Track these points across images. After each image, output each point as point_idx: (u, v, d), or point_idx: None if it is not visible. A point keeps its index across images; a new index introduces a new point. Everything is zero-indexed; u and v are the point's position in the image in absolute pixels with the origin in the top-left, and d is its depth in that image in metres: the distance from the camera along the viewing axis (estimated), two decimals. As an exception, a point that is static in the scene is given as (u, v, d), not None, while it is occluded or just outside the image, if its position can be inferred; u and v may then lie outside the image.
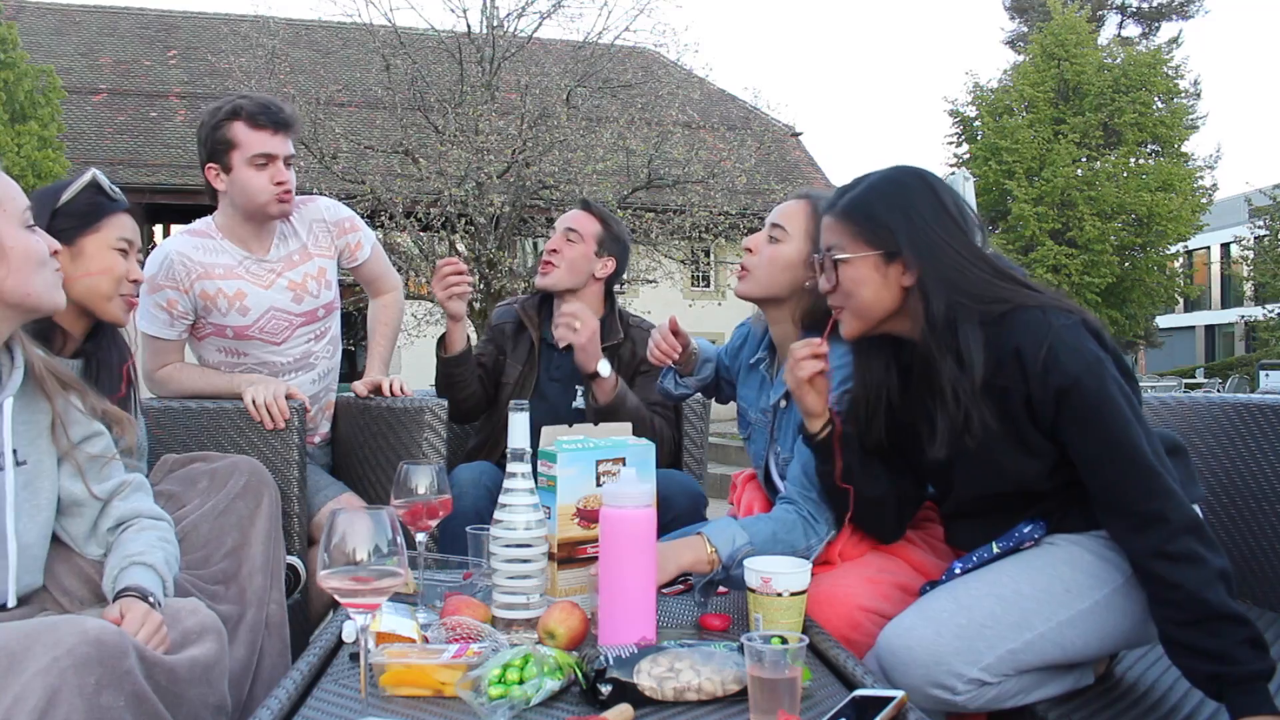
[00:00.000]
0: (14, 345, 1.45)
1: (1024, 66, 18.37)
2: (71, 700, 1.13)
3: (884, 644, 1.40)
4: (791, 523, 1.68)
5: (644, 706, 1.13)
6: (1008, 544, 1.48)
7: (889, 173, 1.53)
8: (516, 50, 10.62)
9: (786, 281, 1.81)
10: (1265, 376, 14.75)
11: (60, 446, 1.49)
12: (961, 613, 1.38)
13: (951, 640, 1.36)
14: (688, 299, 17.52)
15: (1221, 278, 27.75)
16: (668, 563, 1.54)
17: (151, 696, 1.23)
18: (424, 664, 1.19)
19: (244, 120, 2.18)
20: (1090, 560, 1.43)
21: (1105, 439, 1.36)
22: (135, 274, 1.77)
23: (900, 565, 1.68)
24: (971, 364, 1.41)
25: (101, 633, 1.18)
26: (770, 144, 12.99)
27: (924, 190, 1.48)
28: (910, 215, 1.46)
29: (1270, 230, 19.46)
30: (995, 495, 1.51)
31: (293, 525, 2.13)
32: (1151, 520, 1.33)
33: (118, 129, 15.32)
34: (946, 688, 1.34)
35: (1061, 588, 1.41)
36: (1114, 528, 1.40)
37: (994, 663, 1.36)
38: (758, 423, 1.95)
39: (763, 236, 1.86)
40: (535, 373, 2.53)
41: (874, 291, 1.49)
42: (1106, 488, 1.38)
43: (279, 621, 1.74)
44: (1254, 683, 1.26)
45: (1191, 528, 1.32)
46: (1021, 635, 1.37)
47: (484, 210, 9.69)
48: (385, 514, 1.14)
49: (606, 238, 2.54)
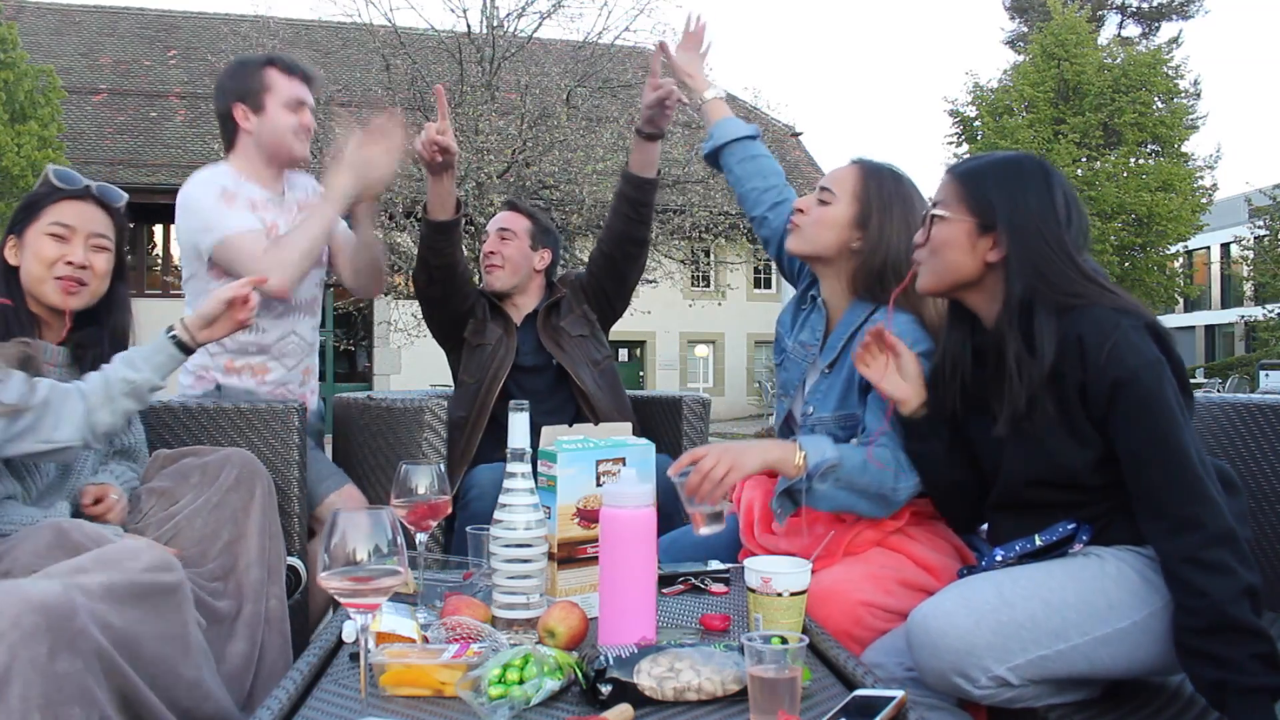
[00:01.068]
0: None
1: (1024, 66, 18.39)
2: (26, 675, 1.09)
3: (918, 622, 1.39)
4: (886, 459, 1.68)
5: (644, 706, 1.13)
6: (1050, 537, 1.47)
7: (1015, 155, 1.59)
8: (516, 50, 10.62)
9: (833, 241, 1.86)
10: (1265, 376, 14.76)
11: None
12: (1004, 608, 1.38)
13: (988, 634, 1.35)
14: (688, 299, 17.55)
15: (1221, 278, 27.75)
16: (755, 456, 1.63)
17: (110, 650, 1.19)
18: (424, 664, 1.19)
19: (279, 68, 2.35)
20: (1134, 580, 1.42)
21: (1153, 437, 1.37)
22: (70, 256, 1.75)
23: (903, 561, 1.68)
24: (1042, 351, 1.43)
25: (45, 596, 1.13)
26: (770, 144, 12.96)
27: (1040, 181, 1.52)
28: (1016, 198, 1.51)
29: (1270, 230, 19.46)
30: (1041, 485, 1.50)
31: (293, 525, 2.12)
32: (1188, 524, 1.33)
33: (118, 129, 15.33)
34: (969, 679, 1.34)
35: (1105, 603, 1.39)
36: (1150, 528, 1.39)
37: (1023, 664, 1.35)
38: (794, 353, 1.97)
39: (813, 198, 1.91)
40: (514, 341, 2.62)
41: (958, 256, 1.54)
42: (1148, 487, 1.38)
43: (279, 616, 1.74)
44: (1258, 695, 1.25)
45: (1227, 538, 1.31)
46: (1056, 644, 1.37)
47: (484, 210, 9.69)
48: (385, 514, 1.14)
49: (537, 231, 2.70)
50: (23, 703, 1.09)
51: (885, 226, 1.83)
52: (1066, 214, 1.51)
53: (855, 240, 1.84)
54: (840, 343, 1.86)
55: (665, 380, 18.47)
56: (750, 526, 1.88)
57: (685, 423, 2.64)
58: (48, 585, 1.16)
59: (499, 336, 2.61)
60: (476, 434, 2.52)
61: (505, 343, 2.60)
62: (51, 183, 1.79)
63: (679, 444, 2.64)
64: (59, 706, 1.11)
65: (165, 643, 1.33)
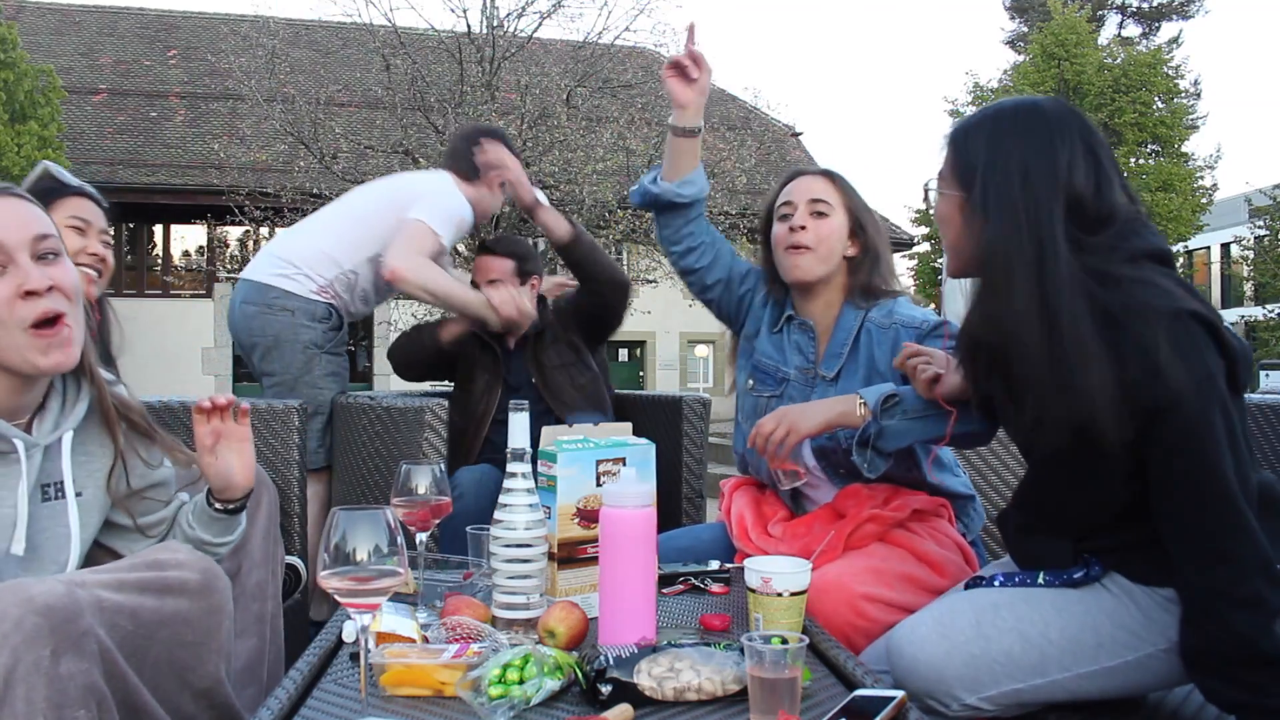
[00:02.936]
0: (81, 377, 1.38)
1: (1024, 66, 18.40)
2: (29, 679, 1.07)
3: (894, 643, 1.39)
4: None
5: (644, 706, 1.13)
6: (1054, 581, 1.38)
7: (1013, 101, 1.32)
8: (516, 50, 10.61)
9: (839, 253, 1.86)
10: (1265, 376, 14.74)
11: (115, 492, 1.40)
12: (979, 641, 1.32)
13: (959, 667, 1.32)
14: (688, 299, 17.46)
15: (1221, 278, 27.71)
16: (815, 416, 1.60)
17: (114, 652, 1.17)
18: (424, 664, 1.19)
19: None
20: (1135, 619, 1.30)
21: (1191, 467, 1.19)
22: (92, 249, 1.77)
23: (906, 557, 1.69)
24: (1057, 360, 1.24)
25: (48, 597, 1.11)
26: (770, 144, 12.98)
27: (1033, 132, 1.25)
28: (995, 159, 1.25)
29: (1270, 230, 19.45)
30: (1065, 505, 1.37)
31: (293, 525, 2.13)
32: (1223, 558, 1.18)
33: (118, 129, 15.32)
34: (941, 703, 1.34)
35: (1093, 641, 1.30)
36: (1177, 552, 1.23)
37: (996, 695, 1.33)
38: (796, 379, 1.90)
39: (804, 215, 1.85)
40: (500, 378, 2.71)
41: (956, 234, 1.34)
42: (1178, 515, 1.22)
43: (276, 615, 1.75)
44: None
45: (1263, 568, 1.18)
46: (1032, 679, 1.32)
47: (484, 210, 9.68)
48: (385, 514, 1.14)
49: (520, 266, 2.78)
50: (27, 705, 1.08)
51: (870, 229, 1.87)
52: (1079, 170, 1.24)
53: (850, 249, 1.86)
54: (843, 350, 1.85)
55: (665, 380, 18.45)
56: (744, 533, 1.89)
57: (686, 423, 2.64)
58: (51, 585, 1.15)
59: (486, 381, 2.70)
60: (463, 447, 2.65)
61: (491, 386, 2.70)
62: (57, 179, 1.80)
63: (680, 444, 2.64)
64: (64, 709, 1.10)
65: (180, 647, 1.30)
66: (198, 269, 15.59)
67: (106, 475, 1.40)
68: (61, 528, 1.35)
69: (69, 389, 1.38)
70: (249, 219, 11.22)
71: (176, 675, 1.29)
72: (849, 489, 1.82)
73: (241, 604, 1.69)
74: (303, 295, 2.64)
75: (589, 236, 2.72)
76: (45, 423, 1.33)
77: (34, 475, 1.31)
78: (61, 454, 1.34)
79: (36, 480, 1.32)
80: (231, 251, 15.97)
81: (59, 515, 1.34)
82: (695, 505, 2.65)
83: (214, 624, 1.32)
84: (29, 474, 1.30)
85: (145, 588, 1.26)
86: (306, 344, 2.62)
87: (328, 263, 2.67)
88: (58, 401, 1.36)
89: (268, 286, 2.67)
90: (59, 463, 1.34)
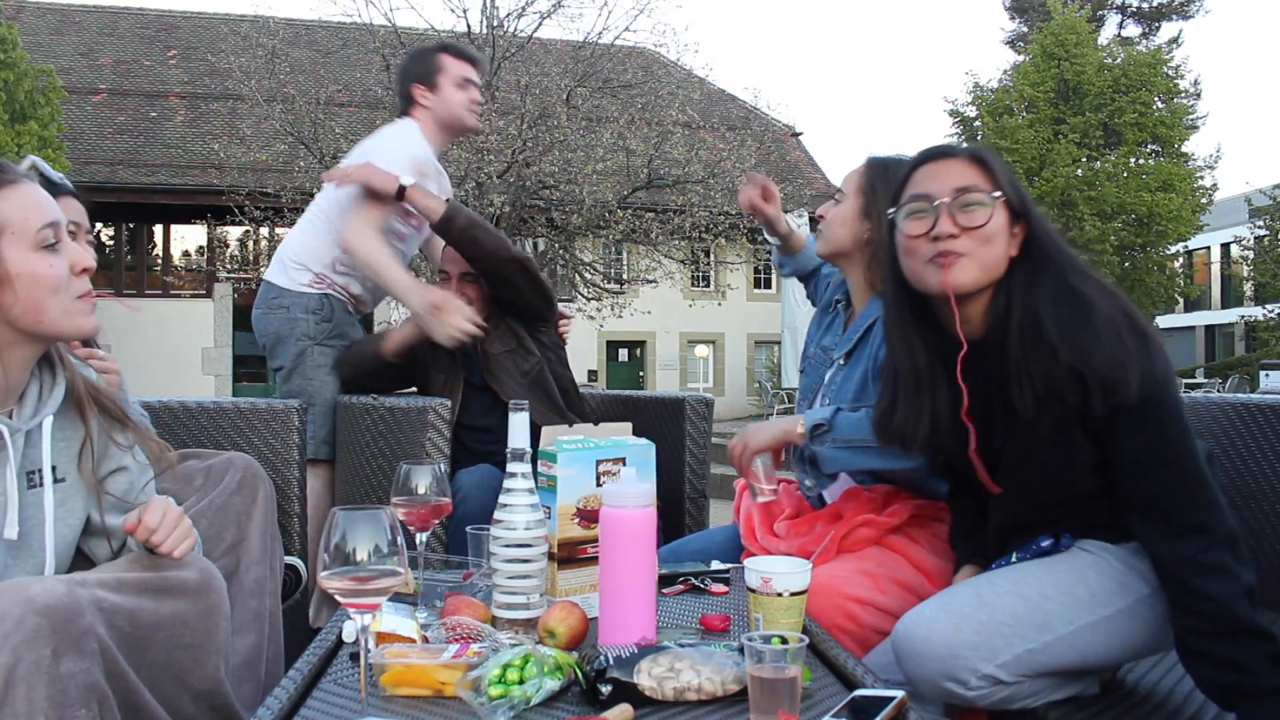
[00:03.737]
0: (55, 362, 1.40)
1: (1024, 66, 18.38)
2: (30, 678, 1.07)
3: (902, 633, 1.40)
4: None
5: (644, 706, 1.13)
6: (1025, 555, 1.47)
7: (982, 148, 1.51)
8: (516, 50, 10.63)
9: (847, 236, 1.91)
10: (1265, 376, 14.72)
11: (84, 473, 1.41)
12: (983, 609, 1.37)
13: (971, 635, 1.35)
14: (688, 299, 17.54)
15: (1221, 278, 27.75)
16: (765, 433, 1.77)
17: (114, 651, 1.17)
18: (424, 664, 1.19)
19: (451, 53, 2.82)
20: (1117, 568, 1.41)
21: (1161, 446, 1.33)
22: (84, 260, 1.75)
23: (900, 562, 1.69)
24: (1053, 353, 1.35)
25: (48, 596, 1.11)
26: (770, 144, 13.01)
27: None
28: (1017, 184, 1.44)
29: (1270, 230, 19.46)
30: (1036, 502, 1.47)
31: (293, 525, 2.13)
32: (1192, 529, 1.30)
33: (118, 129, 15.33)
34: (960, 681, 1.34)
35: (1086, 592, 1.39)
36: (1148, 533, 1.36)
37: (1011, 661, 1.35)
38: (814, 358, 2.02)
39: (831, 202, 1.99)
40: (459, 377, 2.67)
41: (1003, 248, 1.42)
42: (1150, 494, 1.34)
43: (275, 614, 1.74)
44: (1271, 696, 1.24)
45: (1229, 540, 1.30)
46: (1041, 637, 1.36)
47: (484, 210, 9.70)
48: (385, 514, 1.14)
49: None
50: (28, 705, 1.08)
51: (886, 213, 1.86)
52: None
53: (866, 231, 1.88)
54: (857, 334, 1.89)
55: (665, 380, 18.46)
56: (751, 532, 1.90)
57: (688, 423, 2.64)
58: (51, 585, 1.15)
59: (444, 381, 2.67)
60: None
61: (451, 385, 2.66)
62: (48, 177, 1.78)
63: (682, 444, 2.63)
64: (65, 709, 1.10)
65: (178, 649, 1.30)
66: (198, 269, 15.60)
67: (82, 455, 1.41)
68: (44, 515, 1.36)
69: (44, 375, 1.40)
70: (249, 219, 11.23)
71: (176, 677, 1.29)
72: (850, 490, 1.83)
73: (240, 601, 1.69)
74: (296, 290, 2.71)
75: (467, 214, 2.56)
76: (25, 408, 1.35)
77: (19, 461, 1.32)
78: (42, 441, 1.36)
79: (21, 467, 1.33)
80: (231, 251, 15.99)
81: (42, 502, 1.36)
82: (698, 506, 2.64)
83: (211, 625, 1.33)
84: (14, 459, 1.31)
85: (144, 588, 1.27)
86: (299, 336, 2.69)
87: (319, 252, 2.72)
88: (35, 387, 1.37)
89: (270, 285, 2.76)
90: (40, 450, 1.36)
